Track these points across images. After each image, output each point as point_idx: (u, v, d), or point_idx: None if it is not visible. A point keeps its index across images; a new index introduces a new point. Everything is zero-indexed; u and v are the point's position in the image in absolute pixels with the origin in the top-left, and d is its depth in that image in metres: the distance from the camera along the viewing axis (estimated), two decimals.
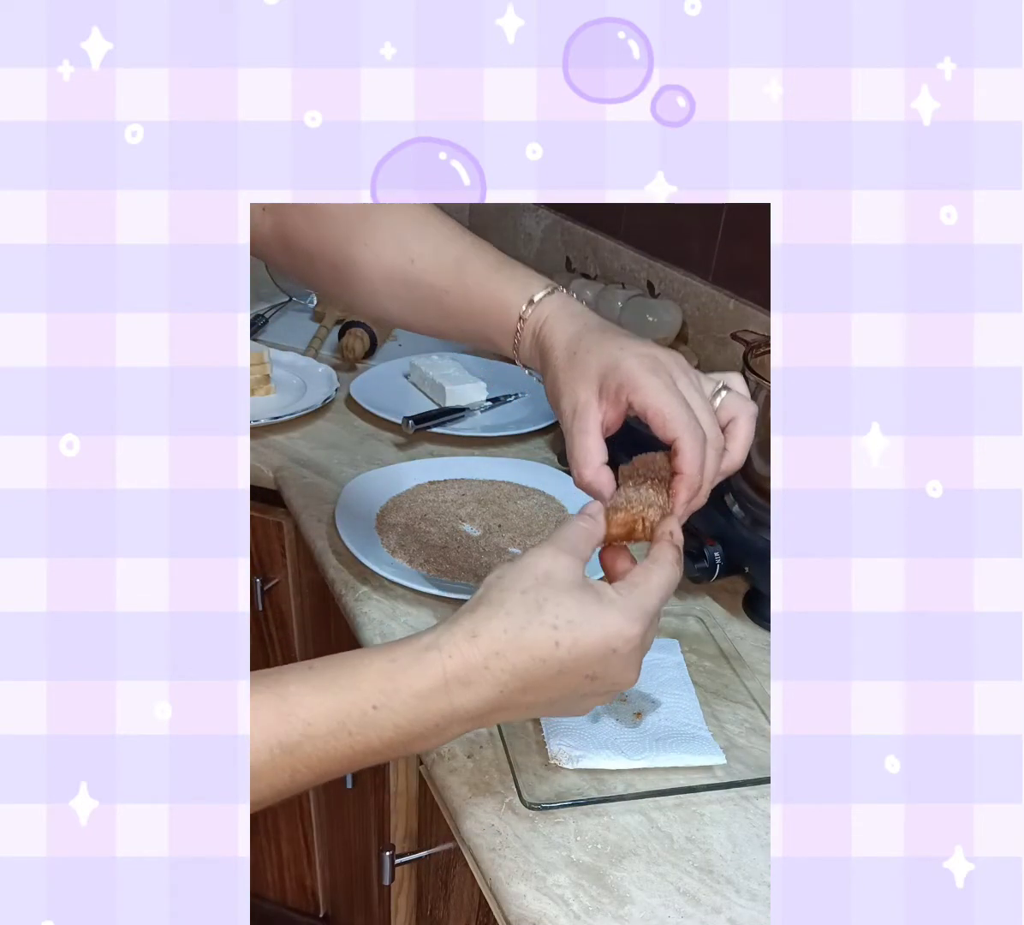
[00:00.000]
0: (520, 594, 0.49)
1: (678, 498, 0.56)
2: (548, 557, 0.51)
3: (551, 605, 0.49)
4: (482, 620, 0.49)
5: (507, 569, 0.51)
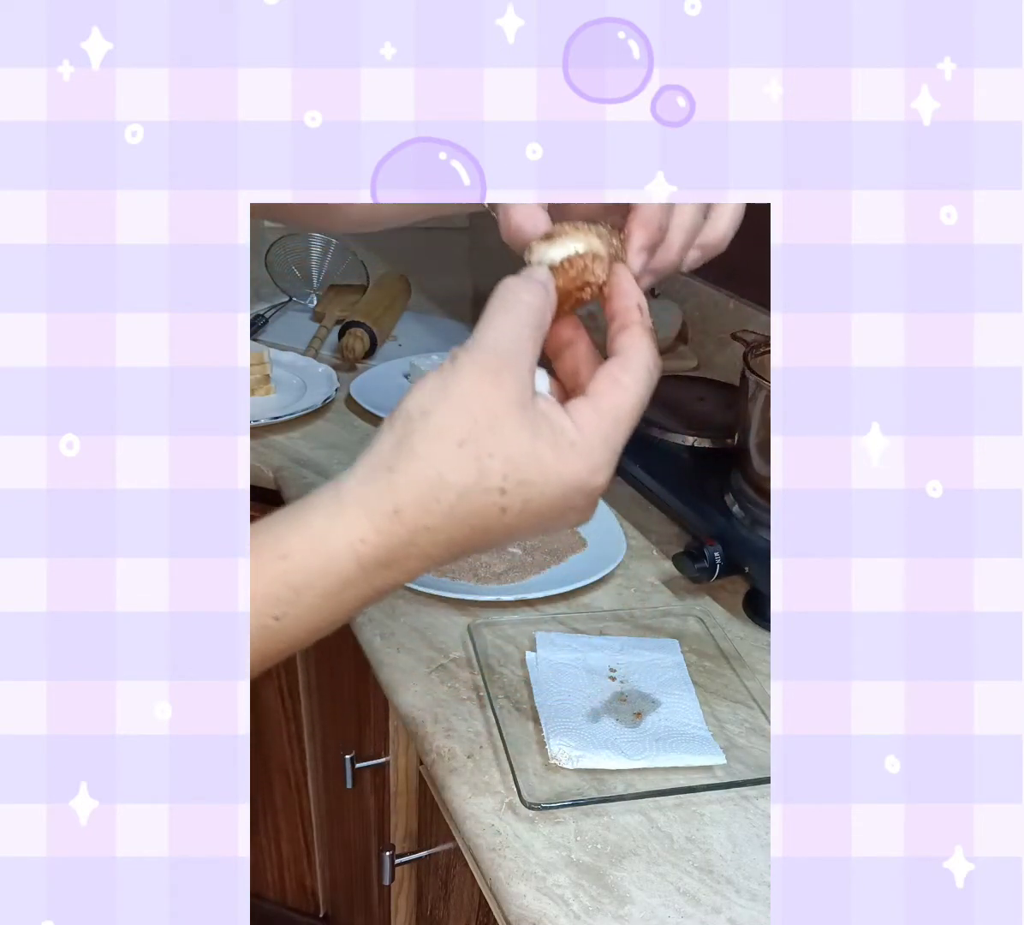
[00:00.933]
0: (456, 447, 0.38)
1: (631, 240, 0.45)
2: (488, 383, 0.39)
3: (497, 462, 0.39)
4: (406, 487, 0.38)
5: (434, 401, 0.39)
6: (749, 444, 0.95)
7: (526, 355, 0.40)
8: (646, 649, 0.82)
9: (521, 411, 0.39)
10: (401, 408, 0.40)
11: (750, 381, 0.94)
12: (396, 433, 0.40)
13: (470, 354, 0.39)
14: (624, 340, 0.44)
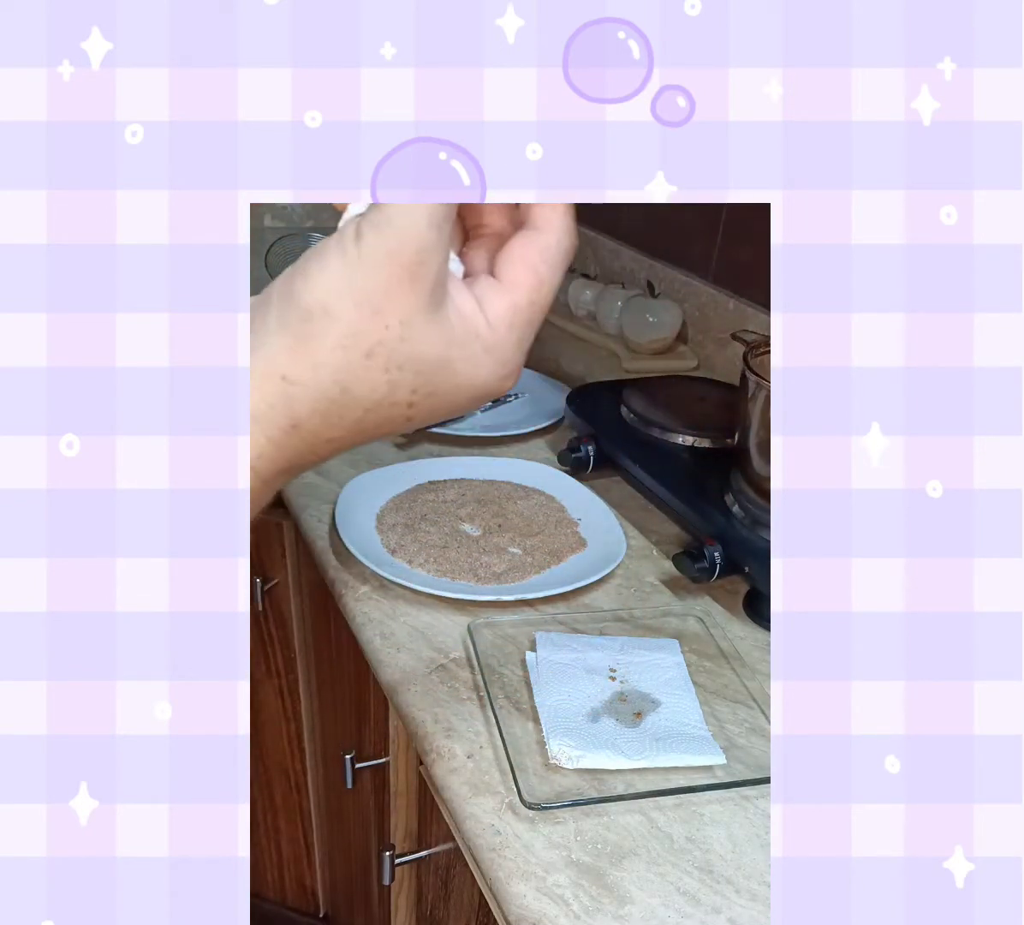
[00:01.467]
0: (363, 358, 0.35)
1: None
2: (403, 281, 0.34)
3: (408, 375, 0.35)
4: (305, 402, 0.35)
5: (340, 298, 0.34)
6: (749, 444, 0.95)
7: (445, 243, 0.35)
8: (646, 649, 0.82)
9: (435, 314, 0.35)
10: (297, 297, 0.34)
11: (750, 381, 0.94)
12: (291, 331, 0.34)
13: (381, 237, 0.34)
14: (542, 213, 0.38)
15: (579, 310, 1.58)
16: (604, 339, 1.53)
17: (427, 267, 0.34)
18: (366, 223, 0.34)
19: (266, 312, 0.36)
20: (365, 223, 0.34)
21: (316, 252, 0.35)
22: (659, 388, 1.19)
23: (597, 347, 1.53)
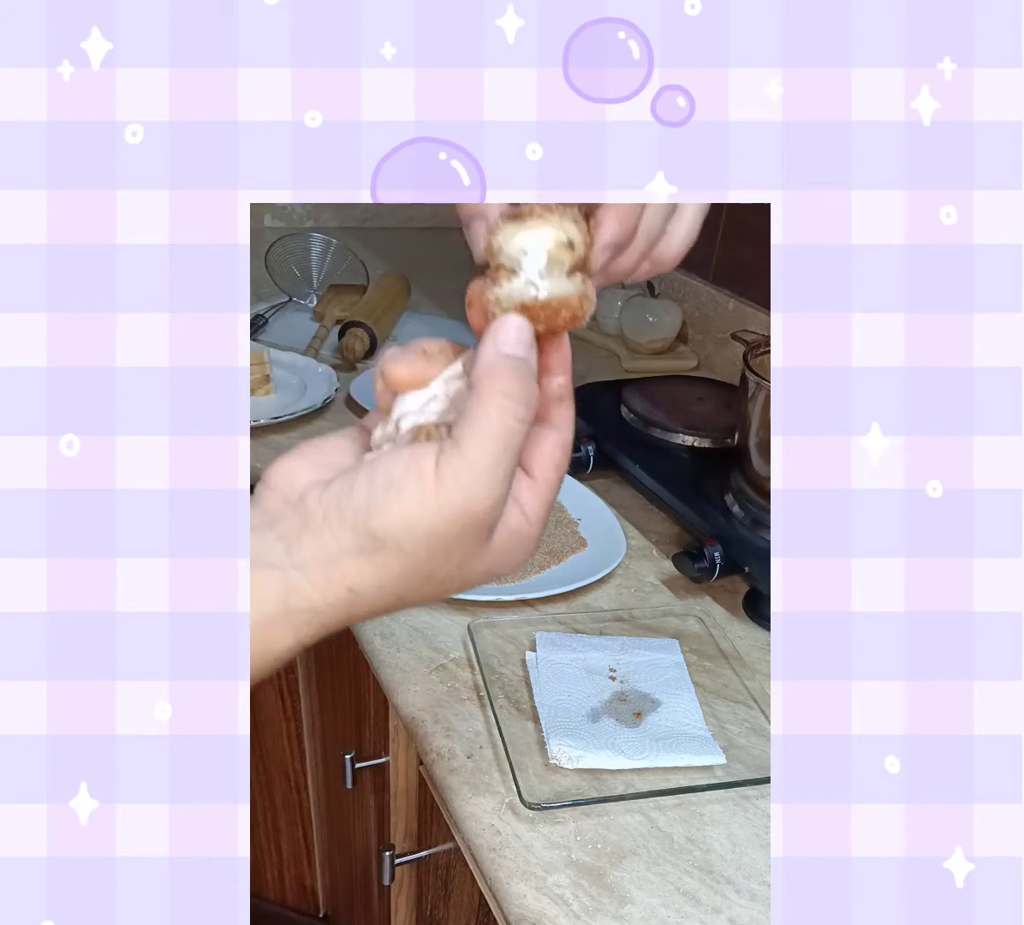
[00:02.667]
0: (424, 582, 0.38)
1: (601, 232, 0.40)
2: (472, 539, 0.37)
3: (456, 586, 0.39)
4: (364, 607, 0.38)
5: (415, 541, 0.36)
6: (749, 444, 0.95)
7: (510, 485, 0.38)
8: (646, 649, 0.82)
9: (489, 540, 0.38)
10: (371, 526, 0.36)
11: (750, 381, 0.94)
12: (362, 552, 0.37)
13: (460, 488, 0.36)
14: (564, 414, 0.41)
15: None
16: (604, 339, 1.53)
17: (495, 515, 0.37)
18: (447, 468, 0.36)
19: (309, 521, 0.37)
20: (445, 462, 0.36)
21: (391, 481, 0.36)
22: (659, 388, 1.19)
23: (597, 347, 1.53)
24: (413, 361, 0.39)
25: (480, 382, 0.36)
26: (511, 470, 0.37)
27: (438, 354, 0.39)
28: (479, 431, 0.36)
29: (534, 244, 0.38)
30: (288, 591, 0.36)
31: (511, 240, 0.39)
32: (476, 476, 0.35)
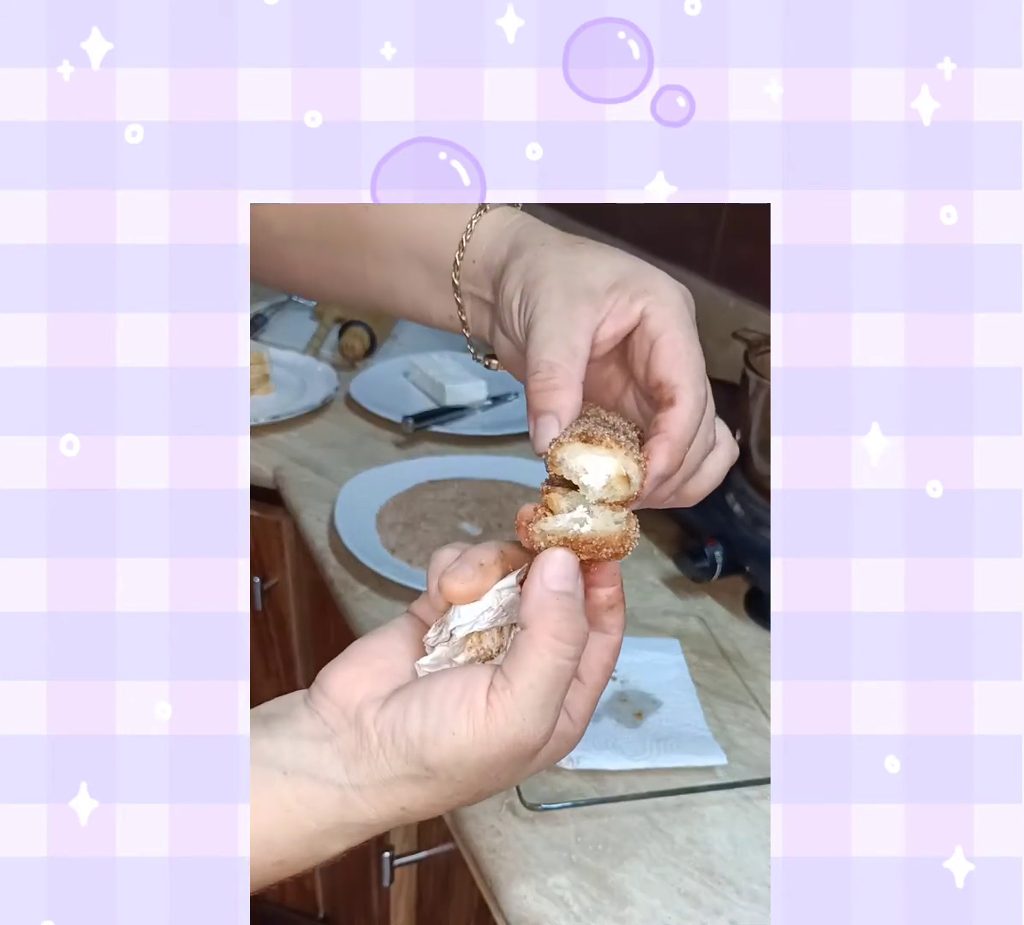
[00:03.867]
0: (473, 796, 0.40)
1: (653, 465, 0.41)
2: (515, 767, 0.39)
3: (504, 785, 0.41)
4: (415, 818, 0.40)
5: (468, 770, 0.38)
6: (750, 443, 0.95)
7: (554, 728, 0.39)
8: (647, 649, 0.82)
9: (533, 761, 0.40)
10: (425, 756, 0.38)
11: (751, 380, 0.94)
12: (414, 778, 0.38)
13: (510, 725, 0.37)
14: (613, 621, 0.42)
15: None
16: None
17: (544, 743, 0.38)
18: (498, 706, 0.37)
19: (365, 741, 0.39)
20: (496, 700, 0.37)
21: (443, 718, 0.38)
22: None
23: None
24: (470, 578, 0.40)
25: (531, 622, 0.38)
26: (560, 703, 0.38)
27: (492, 566, 0.40)
28: (531, 672, 0.37)
29: (597, 468, 0.40)
30: (345, 807, 0.38)
31: (576, 458, 0.40)
32: (527, 714, 0.37)
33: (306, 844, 0.39)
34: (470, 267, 0.49)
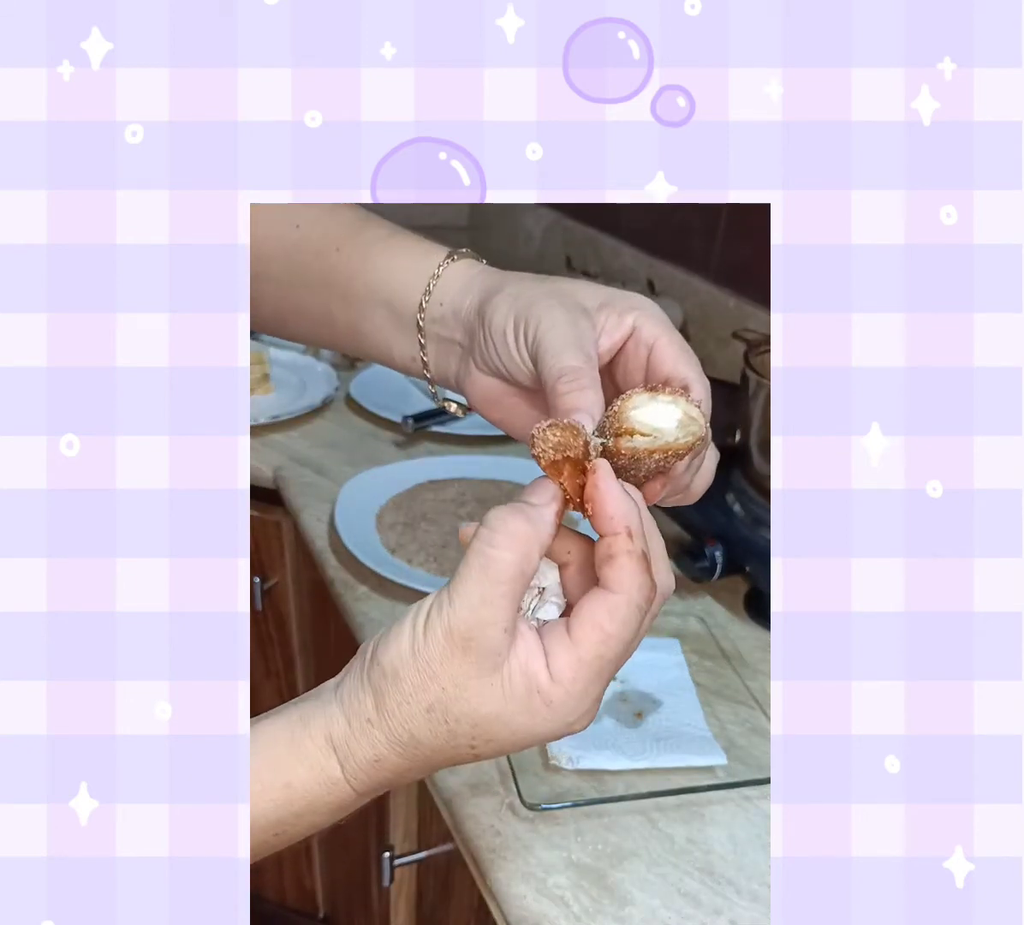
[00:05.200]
0: (425, 712, 0.40)
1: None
2: (456, 654, 0.39)
3: (465, 726, 0.40)
4: (385, 742, 0.41)
5: (405, 664, 0.40)
6: (750, 443, 0.95)
7: (500, 615, 0.39)
8: (647, 649, 0.82)
9: (490, 677, 0.39)
10: (376, 659, 0.41)
11: (751, 380, 0.94)
12: (372, 685, 0.41)
13: (441, 618, 0.39)
14: (610, 574, 0.39)
15: None
16: None
17: (477, 641, 0.39)
18: (435, 602, 0.40)
19: (361, 663, 0.42)
20: (434, 602, 0.40)
21: (398, 623, 0.41)
22: None
23: None
24: None
25: None
26: (490, 595, 0.38)
27: None
28: (461, 567, 0.39)
29: (668, 414, 0.42)
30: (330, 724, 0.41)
31: (645, 407, 0.42)
32: (455, 607, 0.39)
33: (308, 762, 0.40)
34: (436, 309, 0.50)
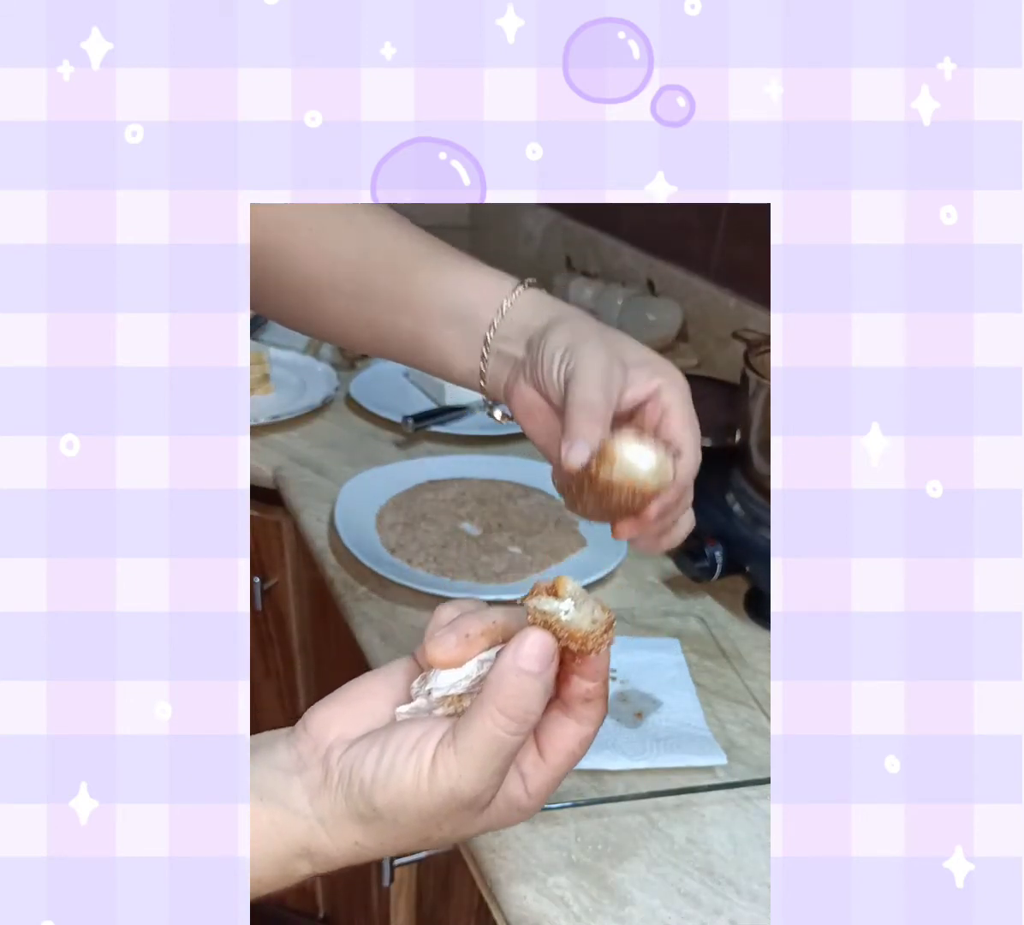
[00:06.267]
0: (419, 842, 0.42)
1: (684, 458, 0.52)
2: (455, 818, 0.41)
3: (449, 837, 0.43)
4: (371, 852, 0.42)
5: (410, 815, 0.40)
6: (750, 443, 0.95)
7: (501, 779, 0.41)
8: (647, 649, 0.82)
9: (481, 813, 0.42)
10: (370, 799, 0.40)
11: (751, 379, 0.94)
12: (362, 818, 0.41)
13: (450, 779, 0.40)
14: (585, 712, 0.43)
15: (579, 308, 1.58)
16: None
17: (479, 801, 0.41)
18: (440, 761, 0.40)
19: (344, 787, 0.41)
20: (440, 760, 0.40)
21: (393, 765, 0.40)
22: None
23: None
24: (452, 648, 0.42)
25: (487, 689, 0.40)
26: (503, 768, 0.40)
27: (480, 637, 0.42)
28: (473, 734, 0.39)
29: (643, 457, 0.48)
30: (310, 838, 0.41)
31: (631, 445, 0.49)
32: (464, 773, 0.39)
33: (278, 866, 0.41)
34: (506, 328, 0.57)
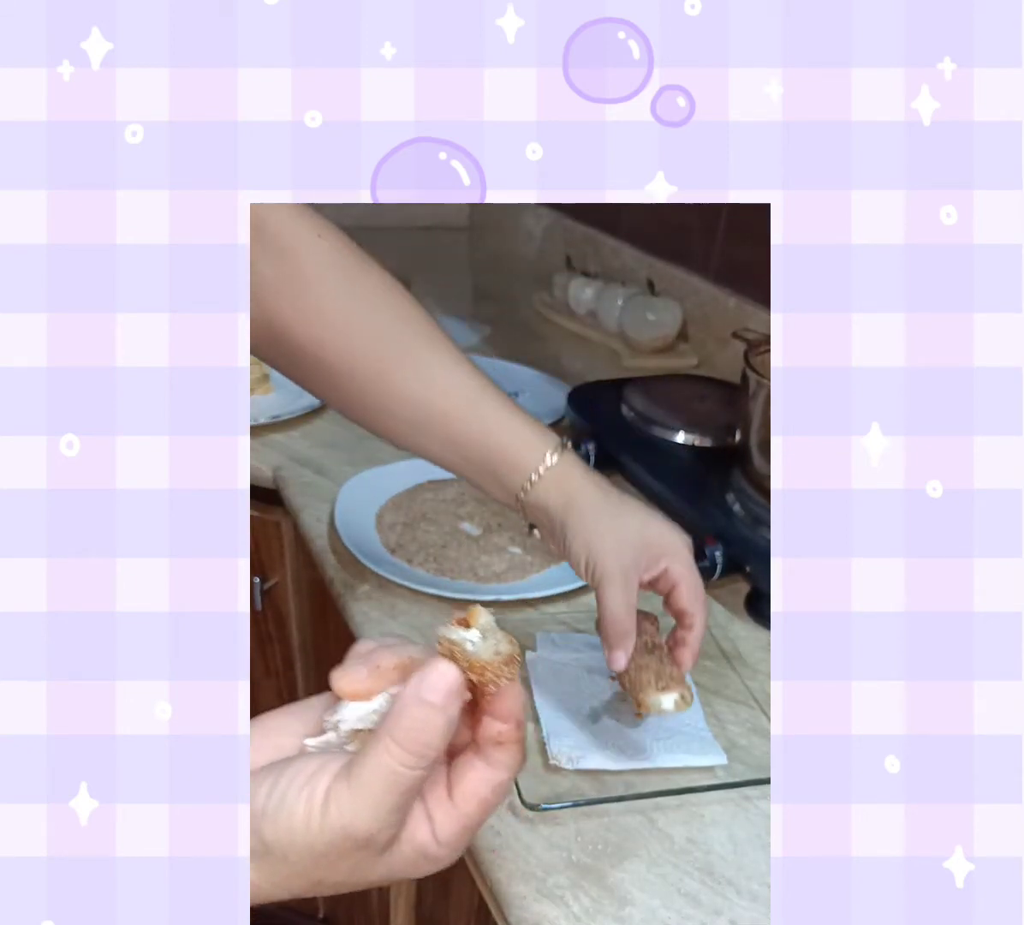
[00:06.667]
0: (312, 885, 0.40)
1: (684, 662, 0.66)
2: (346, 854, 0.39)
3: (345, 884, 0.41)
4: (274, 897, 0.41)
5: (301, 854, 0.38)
6: (750, 442, 0.95)
7: (400, 817, 0.39)
8: None
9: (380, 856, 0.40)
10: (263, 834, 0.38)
11: (751, 379, 0.94)
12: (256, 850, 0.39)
13: (342, 816, 0.38)
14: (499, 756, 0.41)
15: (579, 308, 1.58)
16: (605, 337, 1.53)
17: (375, 840, 0.38)
18: (333, 795, 0.38)
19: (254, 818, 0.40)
20: (333, 795, 0.38)
21: (284, 798, 0.38)
22: (660, 387, 1.19)
23: (598, 345, 1.53)
24: (360, 680, 0.40)
25: (387, 721, 0.38)
26: (401, 805, 0.38)
27: (391, 671, 0.40)
28: (368, 769, 0.37)
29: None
30: None
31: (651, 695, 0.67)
32: (357, 809, 0.37)
33: None
34: (534, 497, 0.68)
